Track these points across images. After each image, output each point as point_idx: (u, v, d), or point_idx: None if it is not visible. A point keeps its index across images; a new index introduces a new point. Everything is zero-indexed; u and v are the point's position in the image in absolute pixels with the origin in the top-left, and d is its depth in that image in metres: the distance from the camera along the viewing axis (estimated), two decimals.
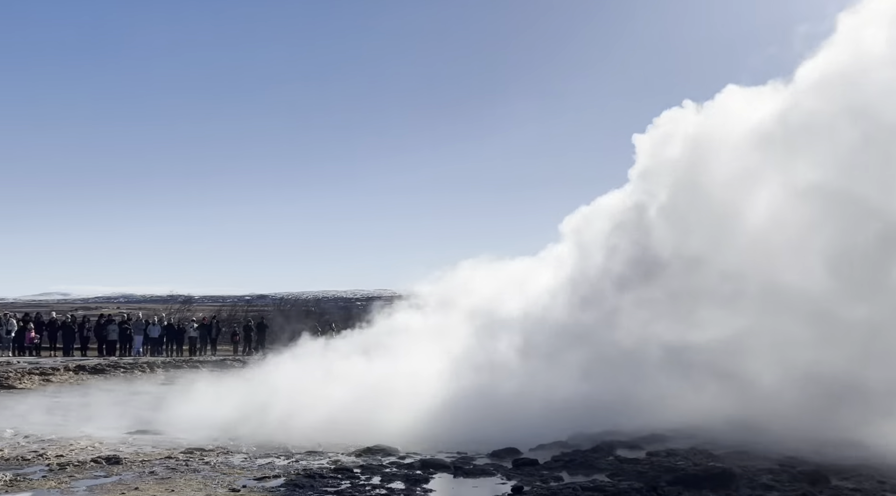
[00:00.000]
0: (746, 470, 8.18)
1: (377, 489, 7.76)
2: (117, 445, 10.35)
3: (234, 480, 8.09)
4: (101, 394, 17.38)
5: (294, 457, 9.55)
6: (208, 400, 15.82)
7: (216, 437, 11.20)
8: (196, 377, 20.75)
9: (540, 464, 8.92)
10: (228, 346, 30.30)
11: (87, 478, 8.20)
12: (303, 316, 41.88)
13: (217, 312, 39.09)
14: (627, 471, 8.34)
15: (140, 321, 27.05)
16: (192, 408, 14.69)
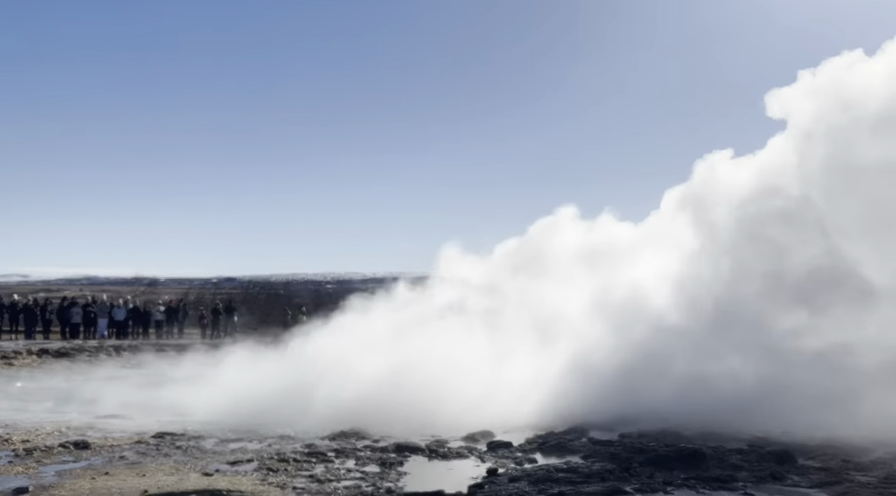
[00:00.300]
0: (716, 450, 8.37)
1: (352, 472, 7.75)
2: (85, 430, 10.16)
3: (207, 464, 8.00)
4: (66, 379, 17.05)
5: (266, 441, 9.48)
6: (179, 384, 15.63)
7: (185, 422, 11.05)
8: (163, 361, 20.50)
9: (514, 447, 8.99)
10: (196, 330, 29.89)
11: (56, 463, 8.04)
12: (272, 299, 41.53)
13: (184, 295, 38.45)
14: (600, 453, 8.46)
15: (104, 304, 26.48)
16: (163, 393, 14.52)
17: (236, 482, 7.16)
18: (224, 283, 63.44)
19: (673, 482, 7.29)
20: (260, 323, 33.42)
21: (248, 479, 7.31)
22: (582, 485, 7.10)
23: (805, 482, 7.36)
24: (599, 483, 7.16)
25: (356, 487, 7.07)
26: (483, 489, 6.88)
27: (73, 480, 7.19)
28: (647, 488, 7.08)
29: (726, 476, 7.47)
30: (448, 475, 7.70)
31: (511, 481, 7.19)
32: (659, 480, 7.32)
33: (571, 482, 7.17)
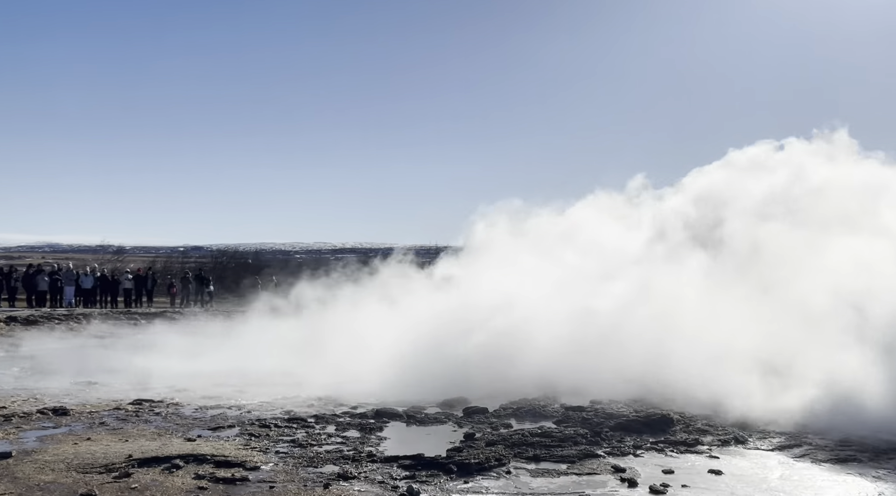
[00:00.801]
0: (683, 416, 8.73)
1: (332, 437, 7.93)
2: (61, 397, 10.18)
3: (188, 430, 8.11)
4: (36, 346, 16.90)
5: (246, 408, 9.61)
6: (156, 352, 15.61)
7: (163, 390, 11.11)
8: (136, 329, 20.40)
9: (489, 413, 9.25)
10: (165, 298, 29.67)
11: (36, 428, 8.09)
12: (242, 269, 41.27)
13: (151, 264, 38.07)
14: (573, 419, 8.76)
15: (71, 271, 26.11)
16: (138, 361, 14.49)
17: (219, 447, 7.29)
18: (191, 252, 62.69)
19: (642, 446, 7.62)
20: (229, 292, 33.29)
21: (232, 445, 7.45)
22: (556, 448, 7.38)
23: (766, 445, 7.75)
24: (572, 447, 7.45)
25: (338, 451, 7.26)
26: (461, 453, 7.11)
27: (56, 445, 7.26)
28: (618, 451, 7.40)
29: (692, 440, 7.82)
30: (426, 440, 7.93)
31: (488, 445, 7.44)
32: (629, 444, 7.65)
33: (545, 446, 7.45)
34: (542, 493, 6.10)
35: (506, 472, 6.66)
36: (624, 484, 6.37)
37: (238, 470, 6.52)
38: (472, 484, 6.33)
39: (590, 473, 6.69)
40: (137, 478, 6.23)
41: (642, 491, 6.18)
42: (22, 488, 5.87)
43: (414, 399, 9.92)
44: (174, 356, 14.23)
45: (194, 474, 6.38)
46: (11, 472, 6.29)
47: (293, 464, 6.80)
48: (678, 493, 6.08)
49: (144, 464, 6.64)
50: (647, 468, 6.85)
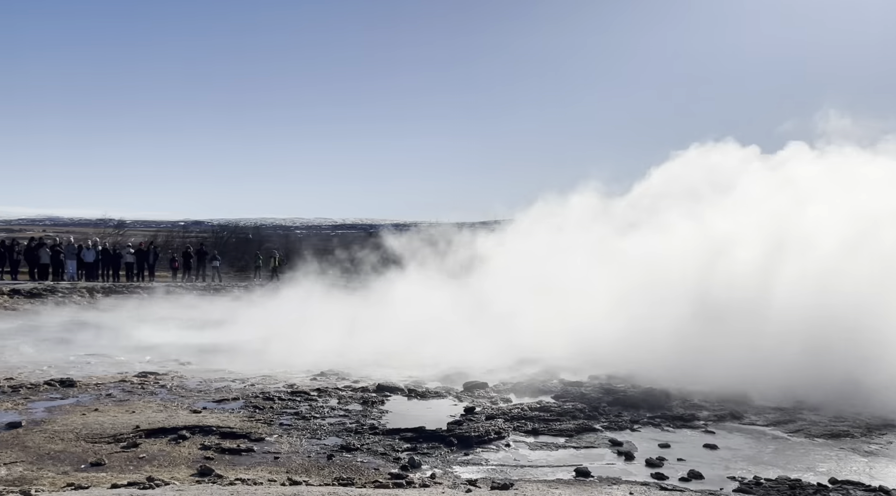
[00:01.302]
0: (681, 392, 8.87)
1: (335, 410, 8.07)
2: (67, 369, 10.32)
3: (194, 402, 8.25)
4: (41, 319, 17.05)
5: (249, 381, 9.74)
6: (157, 326, 15.76)
7: (167, 363, 11.26)
8: (139, 303, 20.54)
9: (489, 387, 9.39)
10: (167, 272, 29.79)
11: (44, 399, 8.22)
12: (242, 244, 41.36)
13: (153, 237, 38.10)
14: (571, 394, 8.90)
15: (72, 245, 26.16)
16: (139, 334, 14.65)
17: (225, 419, 7.44)
18: (192, 227, 62.74)
19: (639, 420, 7.77)
20: (230, 267, 33.42)
21: (236, 417, 7.59)
22: (554, 422, 7.53)
23: (761, 420, 7.89)
24: (571, 420, 7.60)
25: (340, 424, 7.40)
26: (461, 426, 7.25)
27: (65, 416, 7.40)
28: (615, 426, 7.55)
29: (689, 415, 7.97)
30: (427, 413, 8.07)
31: (488, 418, 7.58)
32: (626, 419, 7.80)
33: (544, 420, 7.59)
34: (540, 466, 6.24)
35: (505, 445, 6.80)
36: (621, 457, 6.52)
37: (243, 441, 6.66)
38: (472, 456, 6.47)
39: (587, 447, 6.84)
40: (145, 448, 6.37)
41: (639, 464, 6.33)
42: (33, 457, 6.01)
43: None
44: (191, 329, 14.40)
45: (200, 445, 6.52)
46: (22, 441, 6.43)
47: (297, 435, 6.94)
48: (674, 466, 6.22)
49: (152, 435, 6.78)
50: (644, 442, 7.00)
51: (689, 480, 5.86)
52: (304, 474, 5.85)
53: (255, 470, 5.92)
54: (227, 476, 5.68)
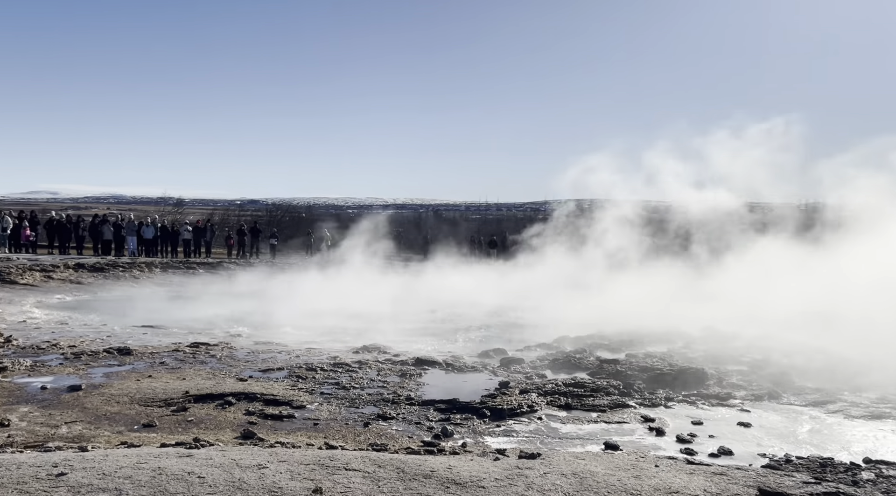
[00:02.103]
0: (718, 370, 8.83)
1: (374, 381, 8.33)
2: (125, 338, 10.88)
3: (241, 371, 8.64)
4: (102, 292, 17.91)
5: (294, 353, 10.10)
6: (211, 299, 16.37)
7: (218, 334, 11.75)
8: (195, 278, 21.31)
9: (525, 363, 9.52)
10: (222, 250, 30.75)
11: (102, 365, 8.73)
12: (295, 222, 42.23)
13: (210, 216, 39.27)
14: (607, 371, 8.95)
15: (133, 222, 27.24)
16: (194, 307, 15.26)
17: (269, 387, 7.78)
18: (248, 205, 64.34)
19: (674, 398, 7.78)
20: (283, 245, 34.24)
21: (280, 385, 7.93)
22: (587, 397, 7.62)
23: (800, 401, 7.80)
24: (604, 396, 7.67)
25: (378, 394, 7.65)
26: (495, 399, 7.41)
27: (121, 381, 7.86)
28: (649, 402, 7.59)
29: (725, 394, 7.94)
30: (463, 386, 8.26)
31: (521, 392, 7.72)
32: (661, 396, 7.82)
33: (577, 395, 7.68)
34: (570, 438, 6.36)
35: (537, 418, 6.93)
36: (652, 433, 6.58)
37: (285, 408, 6.98)
38: (504, 427, 6.63)
39: (619, 422, 6.91)
40: (193, 413, 6.75)
41: (669, 439, 6.38)
42: (90, 417, 6.44)
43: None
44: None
45: (245, 410, 6.86)
46: (81, 403, 6.89)
47: (336, 404, 7.22)
48: (704, 443, 6.25)
49: (200, 400, 7.16)
50: (677, 419, 7.03)
51: (719, 456, 5.89)
52: (341, 440, 6.11)
53: (295, 435, 6.21)
54: (268, 439, 5.98)
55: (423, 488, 4.03)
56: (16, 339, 10.23)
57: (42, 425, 6.15)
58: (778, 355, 9.85)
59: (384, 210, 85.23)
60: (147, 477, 3.89)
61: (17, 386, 7.53)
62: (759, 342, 10.92)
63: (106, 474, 3.92)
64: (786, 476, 4.89)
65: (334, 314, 13.86)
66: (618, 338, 11.35)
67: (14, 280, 17.35)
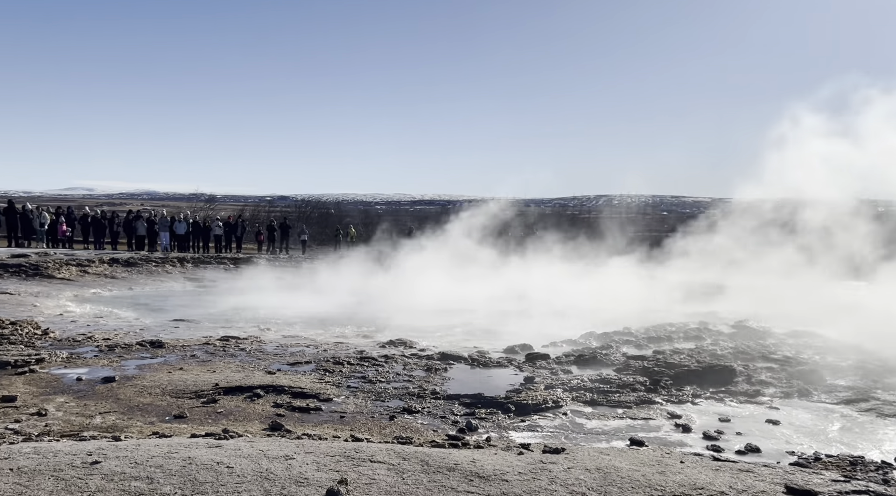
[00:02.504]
0: (747, 368, 8.72)
1: (400, 375, 8.39)
2: (157, 332, 11.10)
3: (269, 365, 8.77)
4: (136, 286, 18.27)
5: (322, 347, 10.21)
6: (241, 294, 16.59)
7: (248, 328, 11.93)
8: (226, 273, 21.62)
9: (551, 359, 9.50)
10: (252, 245, 31.15)
11: (135, 358, 8.93)
12: (324, 218, 42.60)
13: (240, 212, 39.79)
14: (633, 367, 8.90)
15: (166, 218, 27.72)
16: (224, 301, 15.48)
17: (297, 380, 7.89)
18: (278, 202, 65.00)
19: (701, 395, 7.72)
20: (312, 240, 34.56)
21: (308, 378, 8.03)
22: (613, 394, 7.59)
23: (831, 399, 7.68)
24: (631, 393, 7.64)
25: (404, 388, 7.71)
26: (520, 394, 7.42)
27: (153, 373, 8.04)
28: (676, 399, 7.53)
29: (753, 391, 7.85)
30: (488, 381, 8.28)
31: (546, 388, 7.72)
32: (688, 393, 7.76)
33: (603, 392, 7.66)
34: (595, 434, 6.35)
35: (562, 414, 6.93)
36: (678, 429, 6.53)
37: (312, 400, 7.07)
38: (529, 422, 6.64)
39: (645, 418, 6.88)
40: (223, 404, 6.87)
41: (696, 436, 6.33)
42: (124, 408, 6.60)
43: None
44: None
45: (273, 403, 6.97)
46: (115, 394, 7.06)
47: (362, 397, 7.30)
48: (731, 440, 6.19)
49: (229, 393, 7.29)
50: (704, 416, 6.98)
51: (746, 453, 5.84)
52: (367, 432, 6.18)
53: (322, 427, 6.29)
54: (295, 431, 6.07)
55: (446, 481, 4.06)
56: (53, 332, 10.50)
57: (77, 415, 6.32)
58: (810, 352, 9.72)
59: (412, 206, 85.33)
60: (177, 466, 3.99)
61: (54, 377, 7.74)
62: (790, 339, 10.78)
63: (138, 463, 4.02)
64: (814, 474, 4.82)
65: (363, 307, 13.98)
66: (644, 334, 11.30)
67: (51, 274, 17.78)
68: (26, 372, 7.84)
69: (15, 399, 6.66)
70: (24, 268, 17.69)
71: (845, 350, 9.70)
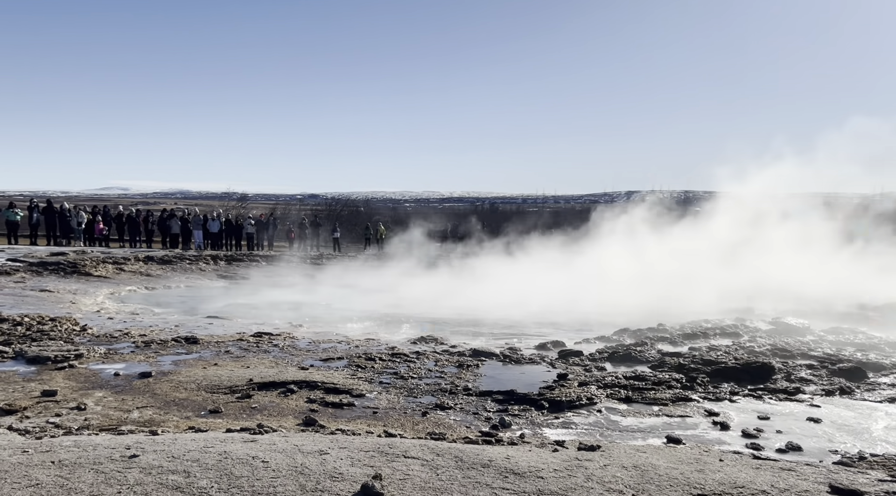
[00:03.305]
0: (786, 365, 8.53)
1: (432, 371, 8.38)
2: (192, 328, 11.25)
3: (302, 361, 8.82)
4: (171, 283, 18.55)
5: (353, 343, 10.25)
6: (272, 290, 16.75)
7: (280, 324, 12.02)
8: (258, 270, 21.84)
9: (584, 355, 9.40)
10: (284, 243, 31.46)
11: (171, 354, 9.05)
12: (354, 216, 42.83)
13: (272, 210, 40.20)
14: (669, 364, 8.76)
15: (199, 217, 28.13)
16: (257, 298, 15.64)
17: (329, 376, 7.92)
18: (308, 200, 65.53)
19: (739, 393, 7.56)
20: (343, 238, 34.78)
21: (340, 374, 8.06)
22: (649, 391, 7.47)
23: (875, 397, 7.47)
24: (667, 390, 7.51)
25: (436, 384, 7.69)
26: (553, 391, 7.35)
27: (188, 369, 8.13)
28: (713, 396, 7.39)
29: (793, 389, 7.66)
30: (521, 378, 8.22)
31: (580, 385, 7.63)
32: (725, 390, 7.61)
33: (638, 389, 7.55)
34: (631, 431, 6.25)
35: (596, 411, 6.84)
36: (716, 427, 6.40)
37: (345, 396, 7.09)
38: (562, 419, 6.57)
39: (682, 416, 6.75)
40: (257, 400, 6.92)
41: (734, 434, 6.20)
42: (160, 403, 6.69)
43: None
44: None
45: (306, 398, 7.00)
46: (151, 389, 7.16)
47: (395, 393, 7.30)
48: (771, 438, 6.05)
49: (263, 388, 7.34)
50: (743, 414, 6.83)
51: (787, 452, 5.69)
52: (400, 428, 6.17)
53: (355, 422, 6.30)
54: (329, 426, 6.09)
55: (481, 477, 4.03)
56: (91, 328, 10.70)
57: (115, 409, 6.42)
58: (851, 350, 9.48)
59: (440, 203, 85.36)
60: (213, 460, 4.01)
61: (93, 372, 7.87)
62: (830, 336, 10.53)
63: (175, 457, 4.06)
64: (859, 473, 4.68)
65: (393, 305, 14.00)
66: (679, 330, 11.13)
67: (89, 272, 18.15)
68: (66, 367, 8.00)
69: (55, 393, 6.79)
70: (63, 266, 18.08)
71: (888, 347, 9.45)
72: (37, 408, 6.32)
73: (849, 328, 10.89)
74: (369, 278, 18.50)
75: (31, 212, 24.51)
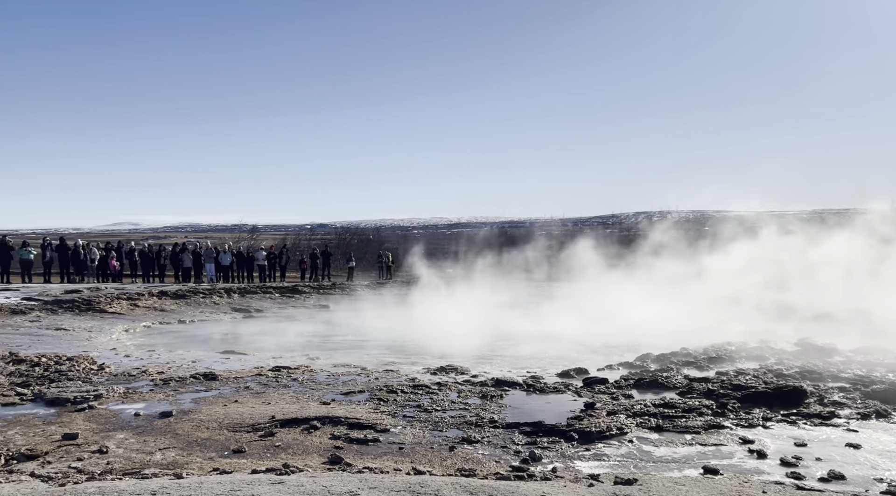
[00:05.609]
0: (817, 388, 8.33)
1: (456, 403, 8.22)
2: (210, 364, 11.15)
3: (323, 395, 8.68)
4: (186, 317, 18.49)
5: (373, 375, 10.11)
6: (287, 323, 16.65)
7: (297, 358, 11.91)
8: (272, 302, 21.77)
9: (609, 383, 9.23)
10: (296, 273, 31.42)
11: (190, 391, 8.93)
12: (364, 244, 42.85)
13: (283, 240, 40.27)
14: (697, 389, 8.58)
15: (210, 250, 28.17)
16: (273, 330, 15.53)
17: (352, 410, 7.77)
18: (318, 229, 65.72)
19: (772, 418, 7.37)
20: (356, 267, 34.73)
21: (363, 408, 7.91)
22: (679, 418, 7.29)
23: None
24: (697, 417, 7.33)
25: (461, 417, 7.54)
26: (581, 421, 7.18)
27: (209, 406, 8.01)
28: (746, 423, 7.20)
29: (828, 413, 7.47)
30: (546, 408, 8.05)
31: (608, 414, 7.46)
32: (757, 416, 7.42)
33: (668, 417, 7.37)
34: (665, 462, 6.08)
35: (628, 441, 6.67)
36: (752, 455, 6.22)
37: (369, 431, 6.94)
38: (594, 451, 6.40)
39: (716, 444, 6.57)
40: (280, 437, 6.78)
41: (772, 462, 6.02)
42: (183, 443, 6.56)
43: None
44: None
45: (330, 435, 6.85)
46: (173, 429, 7.04)
47: (420, 427, 7.14)
48: (811, 466, 5.87)
49: (286, 425, 7.20)
50: (778, 441, 6.65)
51: (830, 481, 5.51)
52: (428, 464, 6.02)
53: (382, 459, 6.15)
54: (356, 464, 5.94)
55: None
56: (108, 367, 10.62)
57: (138, 451, 6.29)
58: (882, 370, 9.27)
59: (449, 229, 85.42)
60: None
61: (113, 413, 7.76)
62: (859, 357, 10.31)
63: None
64: None
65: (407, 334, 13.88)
66: (704, 354, 10.94)
67: (104, 309, 18.12)
68: (86, 408, 7.90)
69: (76, 436, 6.68)
70: (78, 304, 18.07)
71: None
72: (58, 453, 6.21)
73: (876, 347, 10.67)
74: (385, 307, 18.38)
75: (45, 250, 24.60)
